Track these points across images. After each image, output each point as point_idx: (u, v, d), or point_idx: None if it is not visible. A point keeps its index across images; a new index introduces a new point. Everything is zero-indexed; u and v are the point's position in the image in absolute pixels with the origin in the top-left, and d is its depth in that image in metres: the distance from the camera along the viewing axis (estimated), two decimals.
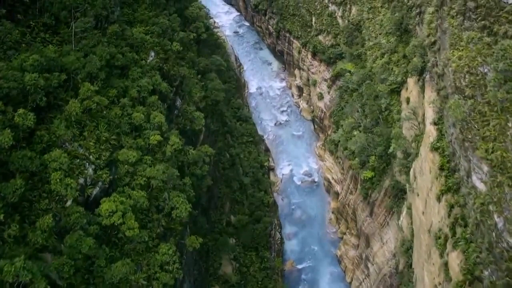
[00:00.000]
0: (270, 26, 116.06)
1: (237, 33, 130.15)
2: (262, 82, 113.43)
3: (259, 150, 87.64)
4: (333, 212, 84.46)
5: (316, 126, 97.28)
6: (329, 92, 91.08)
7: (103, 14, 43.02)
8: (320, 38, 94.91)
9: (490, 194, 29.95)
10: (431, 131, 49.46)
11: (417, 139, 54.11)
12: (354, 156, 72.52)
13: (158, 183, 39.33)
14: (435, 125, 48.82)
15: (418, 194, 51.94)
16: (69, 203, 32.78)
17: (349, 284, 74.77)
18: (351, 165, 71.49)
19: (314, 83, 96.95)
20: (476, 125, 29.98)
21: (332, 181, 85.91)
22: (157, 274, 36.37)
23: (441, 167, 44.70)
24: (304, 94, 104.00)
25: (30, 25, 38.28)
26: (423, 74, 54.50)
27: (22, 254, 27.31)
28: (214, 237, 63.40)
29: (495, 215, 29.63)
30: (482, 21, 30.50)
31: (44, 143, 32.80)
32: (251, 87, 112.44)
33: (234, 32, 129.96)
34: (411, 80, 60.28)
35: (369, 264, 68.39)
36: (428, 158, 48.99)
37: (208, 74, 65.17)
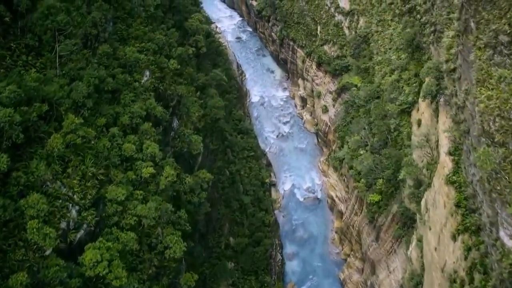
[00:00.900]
0: (273, 33, 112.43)
1: (240, 39, 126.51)
2: (265, 91, 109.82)
3: (260, 165, 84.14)
4: (336, 232, 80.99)
5: (319, 140, 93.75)
6: (334, 105, 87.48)
7: (93, 33, 39.49)
8: (326, 48, 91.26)
9: None
10: (446, 162, 45.96)
11: (429, 168, 50.57)
12: (360, 177, 69.01)
13: (150, 222, 35.86)
14: (451, 155, 45.37)
15: (430, 227, 48.43)
16: (48, 252, 29.34)
17: None
18: (357, 187, 67.97)
19: (319, 95, 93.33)
20: (507, 177, 26.48)
21: (336, 199, 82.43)
22: None
23: (458, 204, 41.23)
24: (307, 106, 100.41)
25: (10, 47, 34.75)
26: (437, 97, 50.98)
27: None
28: (212, 263, 59.97)
29: None
30: None
31: (21, 185, 29.32)
32: (253, 96, 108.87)
33: (237, 38, 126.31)
34: (423, 101, 56.75)
35: None
36: (443, 191, 45.49)
37: (208, 89, 61.64)
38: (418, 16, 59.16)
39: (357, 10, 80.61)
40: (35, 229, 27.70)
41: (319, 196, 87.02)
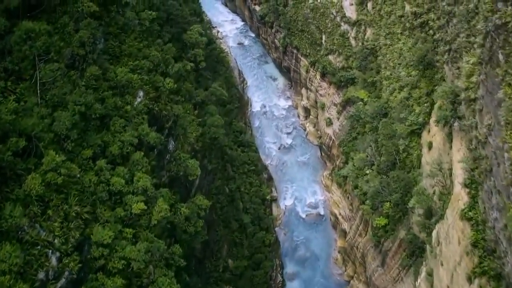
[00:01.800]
0: (276, 40, 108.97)
1: (242, 44, 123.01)
2: (267, 99, 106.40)
3: (261, 180, 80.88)
4: (339, 252, 77.78)
5: (323, 154, 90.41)
6: (338, 118, 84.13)
7: (80, 53, 36.22)
8: (331, 58, 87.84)
9: None
10: (461, 194, 42.66)
11: (442, 198, 47.29)
12: (365, 198, 65.78)
13: (139, 265, 32.67)
14: (466, 187, 42.09)
15: (442, 263, 45.18)
16: None
17: None
18: (362, 210, 64.67)
19: (323, 107, 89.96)
20: None
21: (339, 216, 79.15)
22: None
23: (474, 244, 37.97)
24: (311, 117, 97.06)
25: None
26: (451, 120, 47.65)
27: None
28: None
29: None
30: None
31: None
32: (255, 105, 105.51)
33: (239, 43, 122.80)
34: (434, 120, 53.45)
35: None
36: (457, 226, 42.22)
37: (207, 106, 58.40)
38: (431, 31, 55.82)
39: (364, 21, 77.17)
40: (7, 286, 24.52)
41: (322, 212, 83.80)
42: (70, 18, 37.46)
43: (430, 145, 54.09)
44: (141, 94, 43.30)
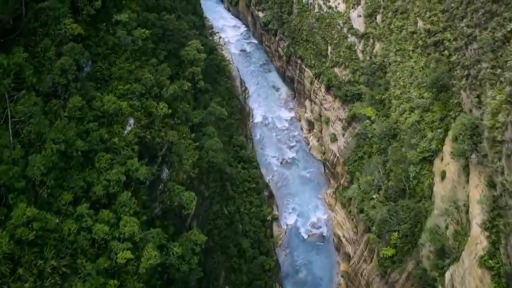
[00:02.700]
0: (280, 49, 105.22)
1: (244, 51, 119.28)
2: (269, 110, 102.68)
3: (262, 199, 77.28)
4: (342, 276, 74.10)
5: (326, 170, 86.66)
6: (343, 135, 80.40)
7: (62, 83, 32.61)
8: (336, 71, 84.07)
9: None
10: (479, 238, 39.02)
11: (457, 238, 43.60)
12: (372, 223, 62.12)
13: None
14: (485, 230, 38.46)
15: None
16: None
17: None
18: (368, 238, 60.96)
19: (327, 121, 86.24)
20: None
21: (343, 239, 75.50)
22: None
23: None
24: (315, 130, 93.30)
25: None
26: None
27: None
28: None
29: None
30: None
31: None
32: (256, 116, 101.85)
33: (241, 50, 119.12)
34: (449, 150, 49.72)
35: None
36: (475, 273, 38.59)
37: (205, 127, 54.69)
38: (446, 52, 52.00)
39: (372, 34, 73.38)
40: None
41: (325, 233, 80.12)
42: (52, 41, 33.87)
43: (443, 175, 50.40)
44: (131, 122, 39.59)
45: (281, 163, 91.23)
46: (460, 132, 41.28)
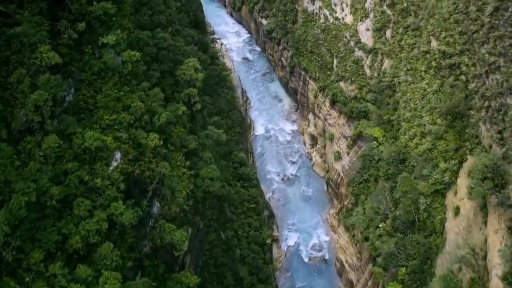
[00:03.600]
0: (283, 58, 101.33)
1: (247, 59, 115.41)
2: (271, 122, 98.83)
3: (261, 220, 73.54)
4: None
5: (330, 189, 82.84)
6: (348, 153, 76.56)
7: (36, 120, 28.98)
8: (342, 85, 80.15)
9: None
10: None
11: (474, 287, 39.83)
12: (377, 253, 58.45)
13: None
14: (504, 280, 34.78)
15: None
16: None
17: None
18: (374, 272, 57.18)
19: (331, 138, 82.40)
20: None
21: (345, 264, 71.72)
22: None
23: None
24: (318, 145, 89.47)
25: None
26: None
27: None
28: None
29: None
30: None
31: None
32: (258, 128, 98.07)
33: (243, 58, 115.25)
34: (465, 185, 45.91)
35: None
36: None
37: (202, 152, 50.91)
38: (463, 77, 48.05)
39: (381, 50, 69.43)
40: None
41: (327, 256, 76.38)
42: (27, 71, 30.22)
43: (457, 211, 46.59)
44: (117, 156, 35.80)
45: (282, 179, 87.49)
46: (480, 173, 37.38)
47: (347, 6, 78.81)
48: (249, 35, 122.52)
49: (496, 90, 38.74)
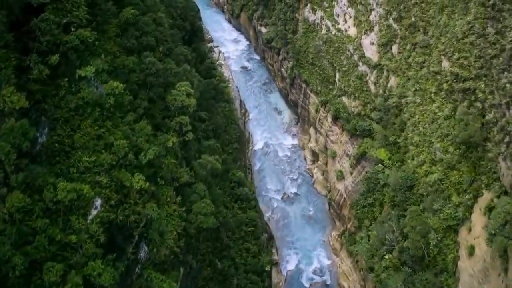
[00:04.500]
0: (283, 69, 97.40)
1: (245, 68, 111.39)
2: (270, 136, 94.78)
3: (260, 244, 69.69)
4: None
5: (332, 210, 79.01)
6: (351, 173, 72.67)
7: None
8: (345, 100, 76.27)
9: None
10: None
11: None
12: (383, 286, 54.66)
13: None
14: None
15: None
16: None
17: None
18: None
19: (333, 155, 78.54)
20: None
21: None
22: None
23: None
24: (319, 162, 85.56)
25: None
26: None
27: None
28: None
29: None
30: None
31: None
32: (257, 142, 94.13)
33: (242, 67, 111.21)
34: (480, 223, 42.14)
35: None
36: None
37: (195, 185, 47.19)
38: (478, 104, 44.15)
39: (387, 66, 65.46)
40: None
41: (328, 281, 72.51)
42: None
43: (471, 250, 42.79)
44: (97, 203, 32.11)
45: (282, 197, 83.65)
46: (503, 220, 33.55)
47: (350, 17, 74.84)
48: (248, 42, 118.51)
49: None
